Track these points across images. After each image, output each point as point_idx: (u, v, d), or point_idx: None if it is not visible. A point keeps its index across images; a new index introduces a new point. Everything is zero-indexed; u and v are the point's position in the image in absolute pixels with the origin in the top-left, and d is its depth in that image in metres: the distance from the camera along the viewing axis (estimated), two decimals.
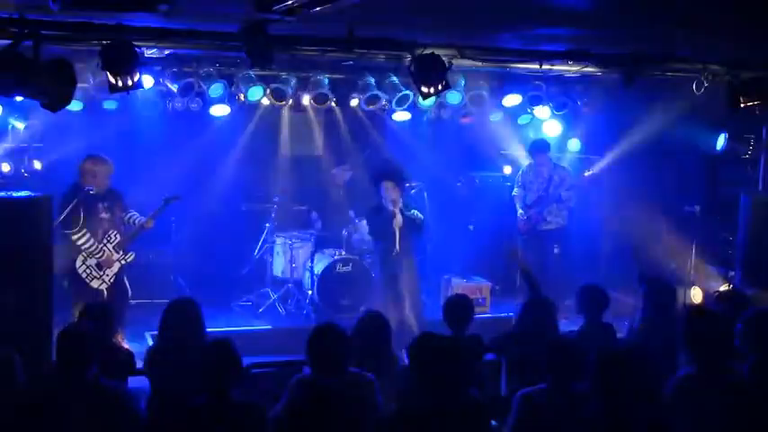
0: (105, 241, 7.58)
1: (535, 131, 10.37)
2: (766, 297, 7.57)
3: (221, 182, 9.87)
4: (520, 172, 10.01)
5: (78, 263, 7.47)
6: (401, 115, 9.58)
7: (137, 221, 7.76)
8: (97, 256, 7.53)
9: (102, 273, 7.57)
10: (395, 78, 8.78)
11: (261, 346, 7.45)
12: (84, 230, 7.44)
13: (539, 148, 9.72)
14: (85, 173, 7.47)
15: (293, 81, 8.91)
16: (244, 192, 10.04)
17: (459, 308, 5.77)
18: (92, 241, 7.47)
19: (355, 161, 10.48)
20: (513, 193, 9.94)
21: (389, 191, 8.10)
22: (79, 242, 7.42)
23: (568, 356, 4.42)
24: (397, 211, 8.04)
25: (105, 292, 7.58)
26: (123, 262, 7.70)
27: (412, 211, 8.23)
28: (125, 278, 7.79)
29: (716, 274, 9.41)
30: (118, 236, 7.66)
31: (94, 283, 7.54)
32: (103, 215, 7.58)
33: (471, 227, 10.52)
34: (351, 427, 4.32)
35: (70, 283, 7.50)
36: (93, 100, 8.31)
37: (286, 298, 9.41)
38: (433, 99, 8.03)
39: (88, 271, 7.52)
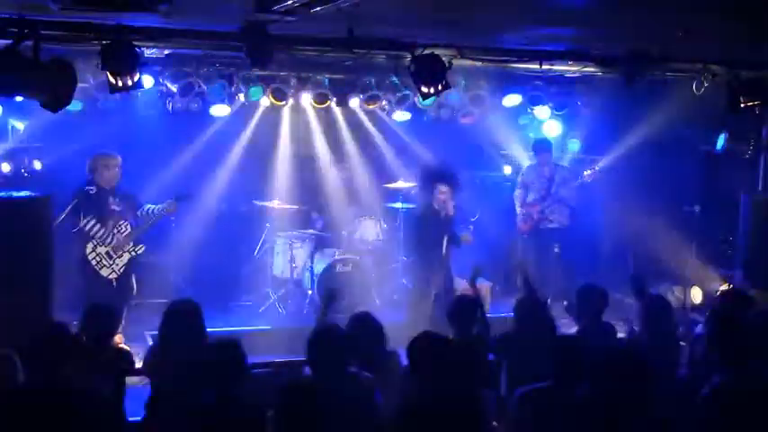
0: (116, 231, 7.63)
1: (535, 131, 10.37)
2: (767, 297, 7.58)
3: (221, 182, 9.86)
4: (521, 173, 10.02)
5: (88, 250, 7.53)
6: (401, 115, 9.58)
7: (155, 210, 7.80)
8: (107, 243, 7.57)
9: (111, 262, 7.61)
10: (395, 78, 8.79)
11: (261, 346, 7.44)
12: (91, 217, 7.50)
13: (541, 147, 9.73)
14: (96, 169, 7.57)
15: (293, 81, 8.92)
16: (244, 192, 10.04)
17: (465, 308, 5.78)
18: (100, 228, 7.53)
19: (355, 161, 10.49)
20: (515, 194, 9.95)
21: (443, 194, 7.91)
22: (87, 228, 7.49)
23: (569, 356, 4.42)
24: (450, 210, 7.87)
25: (114, 283, 7.62)
26: (133, 253, 7.74)
27: (462, 235, 8.09)
28: (133, 275, 7.83)
29: (716, 274, 9.42)
30: (128, 227, 7.72)
31: (104, 272, 7.59)
32: (114, 207, 7.65)
33: (471, 227, 10.52)
34: (350, 427, 4.32)
35: (79, 272, 7.56)
36: (93, 100, 8.31)
37: (286, 298, 9.41)
38: (432, 99, 8.03)
39: (98, 259, 7.56)
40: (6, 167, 8.58)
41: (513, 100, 9.43)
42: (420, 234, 8.12)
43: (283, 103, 9.16)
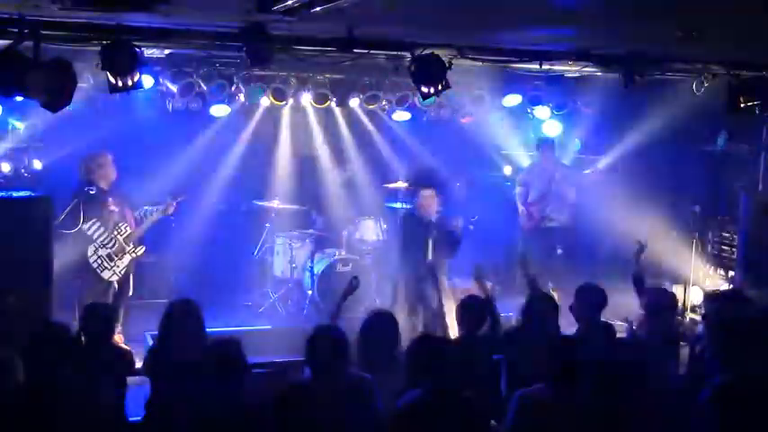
0: (116, 233, 7.62)
1: (535, 131, 10.38)
2: (767, 297, 7.57)
3: (221, 182, 9.87)
4: (522, 171, 10.05)
5: (90, 252, 7.54)
6: (401, 115, 9.59)
7: (154, 211, 7.81)
8: (108, 246, 7.56)
9: (113, 264, 7.61)
10: (395, 78, 8.79)
11: (261, 346, 7.43)
12: (94, 220, 7.48)
13: (545, 145, 9.77)
14: (92, 170, 7.55)
15: (293, 81, 8.92)
16: (244, 192, 10.04)
17: (472, 309, 5.78)
18: (102, 230, 7.52)
19: (355, 161, 10.49)
20: (515, 192, 9.98)
21: (426, 199, 7.88)
22: (89, 231, 7.48)
23: (567, 357, 4.42)
24: (432, 215, 7.76)
25: (116, 285, 7.63)
26: (134, 255, 7.73)
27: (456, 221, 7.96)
28: (131, 276, 7.83)
29: (716, 274, 9.41)
30: (128, 228, 7.73)
31: (105, 274, 7.59)
32: (113, 208, 7.65)
33: (471, 227, 10.53)
34: (350, 428, 4.32)
35: (80, 275, 7.55)
36: (93, 100, 8.31)
37: (286, 298, 9.41)
38: (432, 99, 8.03)
39: (99, 261, 7.56)
40: (6, 167, 8.57)
41: (513, 100, 9.43)
42: (403, 237, 8.14)
43: (283, 103, 9.17)
